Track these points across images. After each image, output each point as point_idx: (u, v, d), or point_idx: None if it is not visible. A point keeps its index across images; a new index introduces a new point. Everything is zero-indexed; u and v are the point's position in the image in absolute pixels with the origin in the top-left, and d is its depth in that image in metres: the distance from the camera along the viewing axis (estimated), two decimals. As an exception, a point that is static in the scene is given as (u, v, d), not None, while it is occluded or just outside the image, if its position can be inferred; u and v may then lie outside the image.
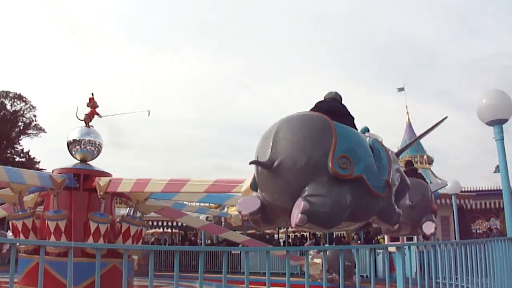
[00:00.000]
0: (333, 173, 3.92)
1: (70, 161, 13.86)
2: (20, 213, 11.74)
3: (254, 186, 4.56)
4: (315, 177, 3.91)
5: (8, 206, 12.55)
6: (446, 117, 6.61)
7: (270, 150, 4.30)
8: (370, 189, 4.12)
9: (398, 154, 6.35)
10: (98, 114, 14.04)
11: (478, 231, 31.33)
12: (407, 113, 29.68)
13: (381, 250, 11.35)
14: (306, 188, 3.86)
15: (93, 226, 12.19)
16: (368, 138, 5.42)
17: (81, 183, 12.95)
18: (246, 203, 4.34)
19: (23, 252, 11.54)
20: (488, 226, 31.77)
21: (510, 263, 5.52)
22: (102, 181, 12.46)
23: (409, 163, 9.42)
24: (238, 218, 16.89)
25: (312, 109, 5.15)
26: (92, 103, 14.04)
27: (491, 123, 5.97)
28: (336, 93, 5.63)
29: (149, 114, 14.56)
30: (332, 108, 5.18)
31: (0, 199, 12.67)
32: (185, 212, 11.53)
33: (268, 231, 27.72)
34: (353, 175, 4.02)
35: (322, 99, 5.48)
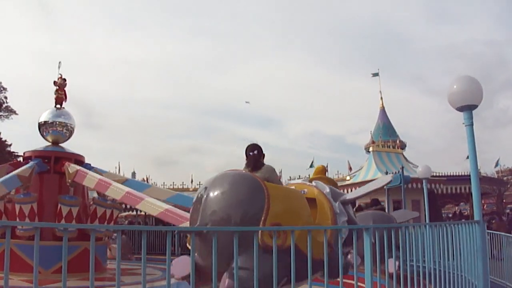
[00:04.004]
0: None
1: (42, 144, 13.69)
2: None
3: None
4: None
5: None
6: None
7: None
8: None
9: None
10: (65, 94, 13.86)
11: (448, 215, 31.93)
12: (381, 98, 30.04)
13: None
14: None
15: (64, 209, 12.13)
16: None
17: (52, 166, 12.82)
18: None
19: None
20: (458, 210, 32.42)
21: (476, 245, 5.66)
22: (71, 168, 12.38)
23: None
24: None
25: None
26: (59, 83, 13.80)
27: (461, 109, 6.05)
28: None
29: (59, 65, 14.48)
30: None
31: None
32: (109, 182, 11.36)
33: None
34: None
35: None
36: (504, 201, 31.27)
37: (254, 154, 5.71)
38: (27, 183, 11.68)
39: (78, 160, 13.44)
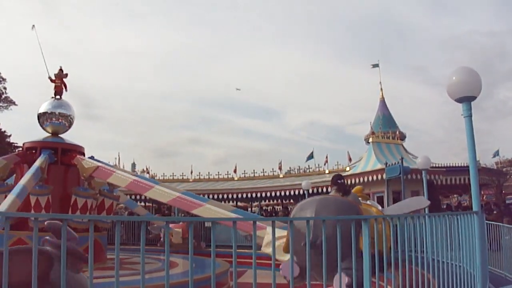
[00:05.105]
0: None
1: (41, 135, 13.69)
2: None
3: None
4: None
5: None
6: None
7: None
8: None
9: None
10: (65, 85, 13.89)
11: (448, 206, 31.98)
12: (381, 89, 29.98)
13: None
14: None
15: (80, 201, 12.20)
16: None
17: (59, 157, 12.87)
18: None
19: None
20: (458, 201, 32.47)
21: (475, 236, 5.69)
22: (86, 163, 12.45)
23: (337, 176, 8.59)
24: (179, 236, 17.49)
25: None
26: (61, 74, 13.83)
27: (459, 100, 6.05)
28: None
29: (32, 28, 14.74)
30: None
31: None
32: (153, 185, 11.48)
33: (241, 205, 28.01)
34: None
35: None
36: (503, 192, 31.28)
37: (342, 183, 7.38)
38: (44, 175, 11.79)
39: (81, 151, 13.51)
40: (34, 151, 12.92)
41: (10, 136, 38.03)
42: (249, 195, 26.34)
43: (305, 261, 4.06)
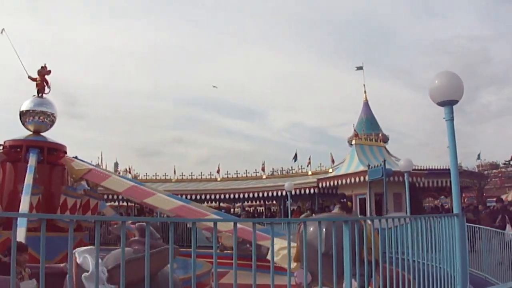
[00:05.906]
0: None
1: (21, 132, 13.54)
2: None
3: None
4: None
5: None
6: None
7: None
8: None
9: None
10: (47, 82, 13.75)
11: (435, 207, 32.24)
12: (365, 91, 30.20)
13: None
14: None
15: (70, 201, 12.09)
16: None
17: (45, 156, 12.76)
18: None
19: None
20: (440, 203, 32.75)
21: (455, 238, 5.74)
22: (77, 165, 12.34)
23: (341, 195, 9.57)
24: None
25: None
26: (43, 71, 13.68)
27: (442, 104, 6.11)
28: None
29: (2, 31, 14.61)
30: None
31: None
32: (152, 191, 11.38)
33: (224, 205, 27.97)
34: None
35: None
36: (484, 194, 31.65)
37: (345, 201, 8.17)
38: (36, 175, 11.70)
39: (64, 151, 13.43)
40: (18, 149, 12.79)
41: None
42: (232, 195, 26.28)
43: (316, 269, 4.19)
